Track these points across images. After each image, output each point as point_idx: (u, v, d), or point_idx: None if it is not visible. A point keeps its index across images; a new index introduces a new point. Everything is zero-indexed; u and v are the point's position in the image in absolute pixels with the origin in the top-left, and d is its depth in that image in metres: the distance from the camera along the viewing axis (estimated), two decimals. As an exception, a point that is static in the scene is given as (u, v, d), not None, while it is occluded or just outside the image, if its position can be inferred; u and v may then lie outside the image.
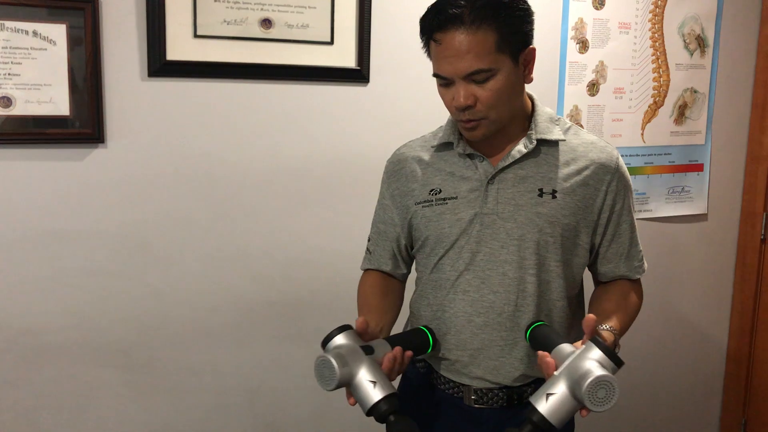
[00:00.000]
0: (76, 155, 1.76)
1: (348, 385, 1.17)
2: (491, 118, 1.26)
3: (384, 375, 1.18)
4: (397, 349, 1.24)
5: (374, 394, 1.14)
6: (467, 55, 1.20)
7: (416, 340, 1.34)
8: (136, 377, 1.90)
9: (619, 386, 1.07)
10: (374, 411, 1.14)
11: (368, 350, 1.20)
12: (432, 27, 1.23)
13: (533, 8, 1.27)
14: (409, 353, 1.27)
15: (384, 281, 1.49)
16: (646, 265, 1.46)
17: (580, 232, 1.34)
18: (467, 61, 1.20)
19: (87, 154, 1.77)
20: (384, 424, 1.15)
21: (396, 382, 1.28)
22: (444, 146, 1.39)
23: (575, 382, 1.09)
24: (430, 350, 1.35)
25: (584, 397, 1.07)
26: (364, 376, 1.16)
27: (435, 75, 1.28)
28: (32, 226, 1.74)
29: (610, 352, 1.11)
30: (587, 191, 1.33)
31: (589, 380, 1.07)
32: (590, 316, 1.18)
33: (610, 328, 1.27)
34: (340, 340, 1.20)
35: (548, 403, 1.11)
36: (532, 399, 1.13)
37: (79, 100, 1.72)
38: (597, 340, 1.13)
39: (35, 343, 1.78)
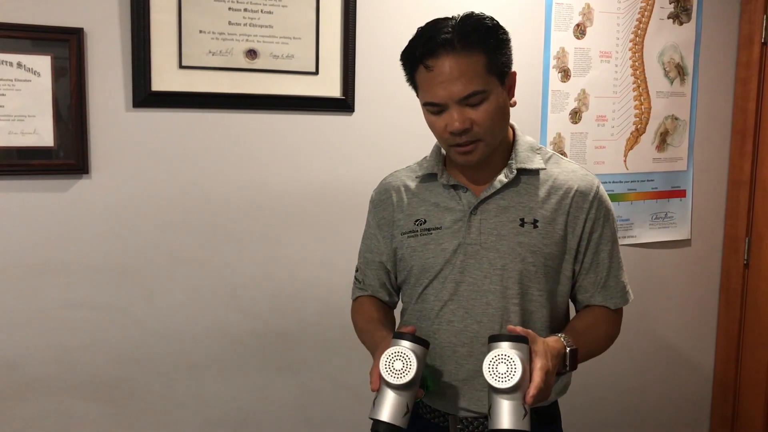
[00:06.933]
0: (61, 186, 1.75)
1: (392, 386, 1.16)
2: (487, 140, 1.27)
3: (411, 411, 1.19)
4: (420, 392, 1.23)
5: (394, 416, 1.15)
6: (461, 78, 1.21)
7: (423, 383, 1.32)
8: (121, 410, 1.87)
9: (521, 360, 1.09)
10: (378, 424, 1.15)
11: (422, 383, 1.22)
12: (423, 54, 1.23)
13: (516, 38, 1.31)
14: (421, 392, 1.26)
15: (380, 304, 1.49)
16: (631, 297, 1.43)
17: (563, 261, 1.35)
18: (461, 84, 1.21)
19: (71, 185, 1.76)
20: None
21: None
22: (429, 177, 1.41)
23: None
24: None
25: (488, 378, 1.09)
26: (407, 397, 1.17)
27: (426, 103, 1.27)
28: (15, 258, 1.73)
29: (499, 335, 1.14)
30: (568, 220, 1.34)
31: (484, 360, 1.10)
32: (510, 327, 1.19)
33: (562, 336, 1.25)
34: (417, 350, 1.18)
35: (492, 417, 1.11)
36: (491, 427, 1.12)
37: (64, 131, 1.72)
38: (492, 337, 1.15)
39: (17, 378, 1.76)
